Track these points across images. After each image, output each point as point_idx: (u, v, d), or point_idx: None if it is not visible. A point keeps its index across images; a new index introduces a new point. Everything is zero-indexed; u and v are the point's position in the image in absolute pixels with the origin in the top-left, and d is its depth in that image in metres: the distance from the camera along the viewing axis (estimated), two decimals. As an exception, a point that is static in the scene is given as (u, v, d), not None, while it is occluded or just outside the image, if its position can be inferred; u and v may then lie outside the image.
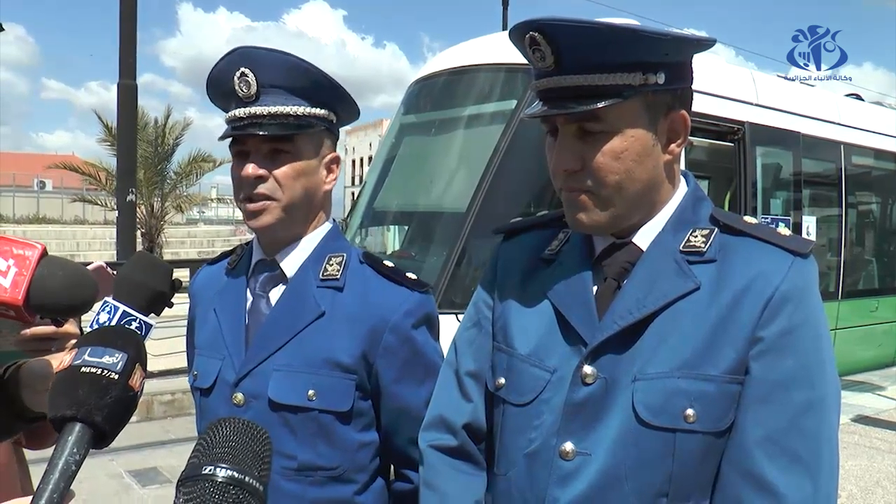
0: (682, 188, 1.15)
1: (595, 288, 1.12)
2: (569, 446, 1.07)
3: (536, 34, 1.04)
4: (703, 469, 1.03)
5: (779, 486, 0.98)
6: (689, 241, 1.09)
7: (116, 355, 0.77)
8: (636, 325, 1.05)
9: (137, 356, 0.79)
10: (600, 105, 1.02)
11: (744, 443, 1.01)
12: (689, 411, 1.01)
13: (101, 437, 0.75)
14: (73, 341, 1.31)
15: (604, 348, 1.06)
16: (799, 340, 1.01)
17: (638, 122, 1.06)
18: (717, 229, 1.09)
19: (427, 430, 1.28)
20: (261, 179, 1.36)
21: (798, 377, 1.01)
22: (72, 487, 0.71)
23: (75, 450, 0.72)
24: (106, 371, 0.76)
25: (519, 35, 1.08)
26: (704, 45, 1.09)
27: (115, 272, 1.43)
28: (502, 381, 1.18)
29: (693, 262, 1.07)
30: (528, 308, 1.18)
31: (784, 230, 1.11)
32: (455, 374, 1.27)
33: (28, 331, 1.28)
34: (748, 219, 1.12)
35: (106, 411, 0.74)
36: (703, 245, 1.08)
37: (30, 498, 0.69)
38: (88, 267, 1.33)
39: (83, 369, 0.76)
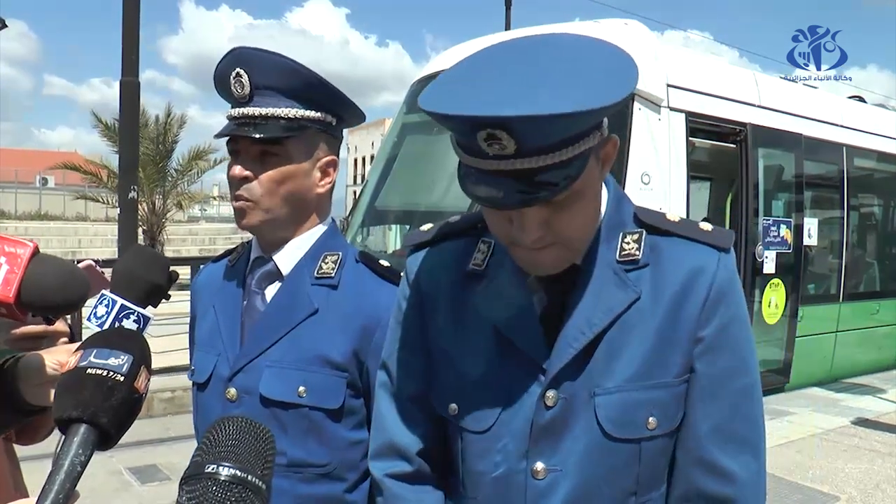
0: (604, 192, 1.12)
1: (535, 305, 1.10)
2: (539, 465, 1.07)
3: (497, 131, 0.88)
4: (661, 462, 1.10)
5: (733, 469, 1.07)
6: (622, 248, 1.08)
7: (122, 357, 0.78)
8: (588, 343, 1.06)
9: (142, 358, 0.80)
10: (575, 185, 0.95)
11: (696, 435, 1.08)
12: (651, 419, 1.06)
13: (105, 439, 0.76)
14: (64, 339, 1.33)
15: (562, 373, 1.06)
16: (733, 333, 1.08)
17: (592, 171, 1.00)
18: (644, 231, 1.10)
19: (379, 459, 1.22)
20: (246, 180, 1.36)
21: (737, 367, 1.08)
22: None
23: (80, 451, 0.73)
24: (111, 373, 0.77)
25: (467, 128, 0.91)
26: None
27: (103, 270, 1.45)
28: (454, 406, 1.14)
29: (630, 269, 1.07)
30: (467, 329, 1.14)
31: (705, 225, 1.11)
32: (395, 399, 1.22)
33: (18, 330, 1.29)
34: (671, 216, 1.12)
35: (111, 413, 0.75)
36: (636, 251, 1.08)
37: (35, 498, 0.70)
38: (78, 265, 1.33)
39: (89, 371, 0.77)
